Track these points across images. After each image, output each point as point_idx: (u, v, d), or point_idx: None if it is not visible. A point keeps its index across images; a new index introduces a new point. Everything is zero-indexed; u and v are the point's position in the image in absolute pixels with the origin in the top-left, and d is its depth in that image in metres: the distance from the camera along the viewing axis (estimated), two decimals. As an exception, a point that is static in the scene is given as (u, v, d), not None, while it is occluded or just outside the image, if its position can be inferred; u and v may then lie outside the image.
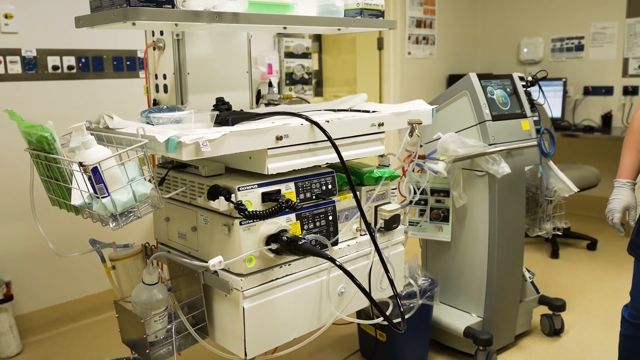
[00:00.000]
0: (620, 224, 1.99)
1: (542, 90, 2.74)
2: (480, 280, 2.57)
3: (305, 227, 1.71)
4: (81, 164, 1.35)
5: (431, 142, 2.55)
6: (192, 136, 1.39)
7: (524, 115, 2.61)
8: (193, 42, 2.02)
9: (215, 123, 1.69)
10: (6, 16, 2.72)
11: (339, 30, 2.10)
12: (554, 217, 2.79)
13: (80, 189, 1.43)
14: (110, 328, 2.90)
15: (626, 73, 4.82)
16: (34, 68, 2.81)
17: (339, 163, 1.67)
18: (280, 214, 1.57)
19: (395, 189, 2.07)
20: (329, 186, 1.77)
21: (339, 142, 1.74)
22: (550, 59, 5.24)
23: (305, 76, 3.93)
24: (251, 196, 1.57)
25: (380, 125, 1.87)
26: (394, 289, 1.71)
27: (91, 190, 1.40)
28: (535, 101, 2.69)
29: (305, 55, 3.92)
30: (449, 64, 5.39)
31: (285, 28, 1.98)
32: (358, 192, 1.91)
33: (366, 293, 1.54)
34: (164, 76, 2.06)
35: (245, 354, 1.62)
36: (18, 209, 2.79)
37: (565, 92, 4.92)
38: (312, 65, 4.07)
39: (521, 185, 2.58)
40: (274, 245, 1.56)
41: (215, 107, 1.75)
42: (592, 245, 4.19)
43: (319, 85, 6.46)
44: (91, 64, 3.00)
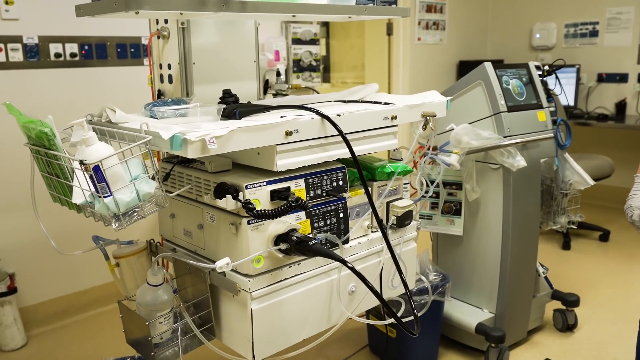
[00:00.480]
0: None
1: (559, 80, 2.65)
2: (493, 275, 2.51)
3: (315, 226, 1.65)
4: (82, 162, 1.28)
5: (444, 134, 2.48)
6: (198, 133, 1.33)
7: (540, 106, 2.53)
8: (199, 31, 1.94)
9: (222, 116, 1.62)
10: (7, 2, 2.65)
11: (349, 18, 2.02)
12: (568, 211, 2.71)
13: (81, 188, 1.37)
14: (115, 320, 2.86)
15: (642, 60, 4.71)
16: (35, 56, 2.75)
17: (350, 158, 1.60)
18: (290, 212, 1.50)
19: (408, 184, 2.01)
20: (340, 182, 1.70)
21: (350, 137, 1.67)
22: (564, 45, 5.12)
23: (313, 63, 3.84)
24: (259, 194, 1.51)
25: (394, 118, 1.80)
26: (407, 291, 1.65)
27: (93, 189, 1.34)
28: (551, 91, 2.60)
29: (313, 41, 3.83)
30: (459, 50, 5.28)
31: (294, 16, 1.90)
32: (370, 188, 1.84)
33: (378, 295, 1.48)
34: (169, 66, 1.98)
35: (253, 356, 1.57)
36: (22, 201, 2.74)
37: (578, 79, 4.80)
38: (320, 51, 3.98)
39: (536, 178, 2.51)
40: (283, 245, 1.51)
41: (221, 100, 1.68)
42: (605, 237, 4.12)
43: (326, 71, 6.37)
44: (94, 51, 2.93)
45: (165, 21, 1.94)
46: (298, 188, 1.60)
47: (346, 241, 1.75)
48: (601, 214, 4.60)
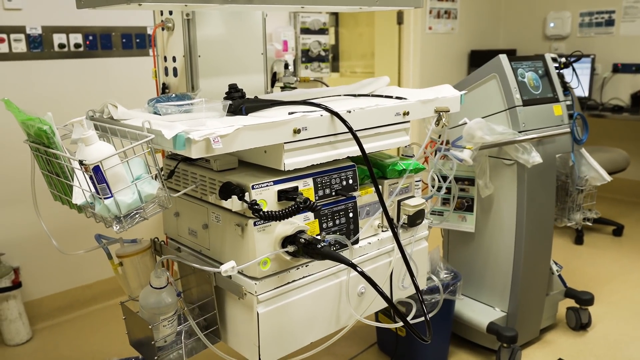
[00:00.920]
0: None
1: (576, 72, 2.57)
2: (505, 273, 2.45)
3: (324, 226, 1.59)
4: (82, 162, 1.23)
5: (456, 128, 2.40)
6: (202, 132, 1.27)
7: (557, 100, 2.45)
8: (204, 22, 1.88)
9: (228, 112, 1.57)
10: (10, -9, 2.60)
11: (360, 9, 1.95)
12: (584, 207, 2.64)
13: (82, 188, 1.32)
14: (121, 314, 2.83)
15: (659, 50, 4.59)
16: (39, 46, 2.69)
17: (361, 155, 1.54)
18: (298, 214, 1.44)
19: (419, 182, 1.94)
20: (350, 181, 1.64)
21: (361, 134, 1.61)
22: (578, 35, 5.00)
23: (322, 53, 3.77)
24: (266, 194, 1.46)
25: (406, 114, 1.73)
26: (419, 295, 1.59)
27: (93, 190, 1.29)
28: (568, 84, 2.52)
29: (322, 31, 3.75)
30: (471, 39, 5.17)
31: (302, 7, 1.83)
32: (380, 186, 1.78)
33: (388, 300, 1.43)
34: (174, 59, 1.93)
35: (260, 360, 1.52)
36: (26, 195, 2.67)
37: (593, 70, 4.69)
38: (329, 41, 3.90)
39: (552, 174, 2.44)
40: (291, 248, 1.45)
41: (227, 95, 1.62)
42: (618, 231, 4.04)
43: (335, 60, 6.28)
44: (99, 42, 2.87)
45: (170, 12, 1.88)
46: (306, 187, 1.54)
47: (356, 242, 1.70)
48: (615, 208, 4.51)
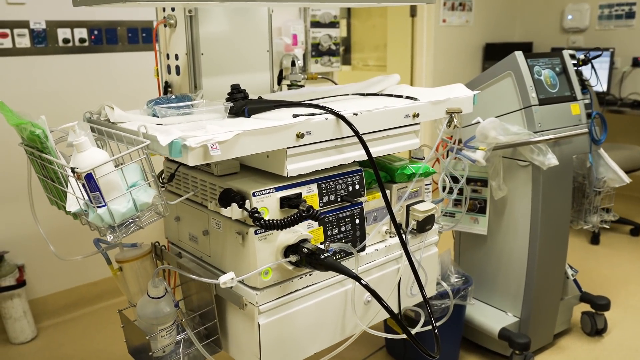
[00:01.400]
0: None
1: (595, 70, 2.47)
2: (519, 277, 2.38)
3: (328, 234, 1.53)
4: (73, 170, 1.18)
5: (469, 127, 2.33)
6: (199, 138, 1.21)
7: (574, 98, 2.36)
8: (207, 19, 1.81)
9: (231, 114, 1.51)
10: (13, -15, 2.55)
11: (371, 4, 1.88)
12: (601, 209, 2.55)
13: (75, 195, 1.27)
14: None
15: (681, 43, 4.45)
16: (43, 41, 2.64)
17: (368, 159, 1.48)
18: (300, 222, 1.38)
19: (430, 185, 1.87)
20: (356, 186, 1.58)
21: (368, 137, 1.55)
22: (597, 27, 4.86)
23: (333, 47, 3.69)
24: (268, 202, 1.39)
25: (416, 116, 1.66)
26: (427, 308, 1.53)
27: (87, 198, 1.23)
28: (586, 82, 2.42)
29: (332, 24, 3.67)
30: (486, 32, 5.05)
31: (310, 5, 1.76)
32: (388, 191, 1.72)
33: (393, 315, 1.37)
34: (176, 56, 1.87)
35: (261, 372, 1.47)
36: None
37: (612, 64, 4.56)
38: (340, 33, 3.82)
39: (568, 176, 2.35)
40: (293, 257, 1.39)
41: (229, 96, 1.56)
42: (636, 231, 3.93)
43: (347, 52, 6.18)
44: (104, 36, 2.81)
45: (172, 9, 1.82)
46: (310, 194, 1.48)
47: (362, 249, 1.63)
48: (632, 207, 4.40)
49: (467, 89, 1.87)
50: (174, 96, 1.55)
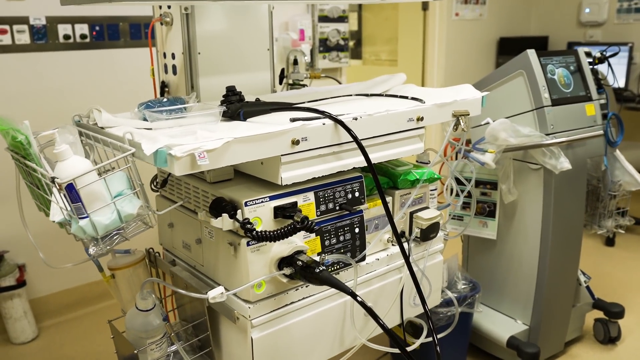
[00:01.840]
0: None
1: (612, 69, 2.36)
2: (529, 284, 2.29)
3: (326, 244, 1.46)
4: (53, 180, 1.12)
5: (478, 127, 2.24)
6: (186, 146, 1.14)
7: (589, 98, 2.26)
8: (204, 17, 1.75)
9: (226, 117, 1.45)
10: (13, -20, 2.50)
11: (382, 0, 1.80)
12: (616, 214, 2.45)
13: (59, 205, 1.21)
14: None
15: (703, 38, 4.29)
16: (43, 38, 2.59)
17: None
18: (294, 234, 1.31)
19: (435, 190, 1.79)
20: (356, 194, 1.51)
21: (369, 142, 1.47)
22: (615, 21, 4.71)
23: (341, 42, 3.60)
24: (261, 211, 1.33)
25: (420, 119, 1.58)
26: (429, 323, 1.46)
27: (69, 208, 1.18)
28: (602, 81, 2.32)
29: (341, 19, 3.58)
30: (501, 25, 4.93)
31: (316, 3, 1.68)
32: (391, 197, 1.64)
33: (389, 332, 1.30)
34: (173, 56, 1.81)
35: (254, 387, 1.41)
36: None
37: (630, 59, 4.42)
38: (351, 26, 3.72)
39: (582, 180, 2.25)
40: (287, 270, 1.33)
41: (224, 98, 1.49)
42: (653, 232, 3.82)
43: (358, 45, 6.08)
44: (106, 32, 2.76)
45: (169, 6, 1.76)
46: (307, 202, 1.41)
47: (362, 259, 1.56)
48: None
49: (476, 90, 1.78)
50: (165, 99, 1.49)
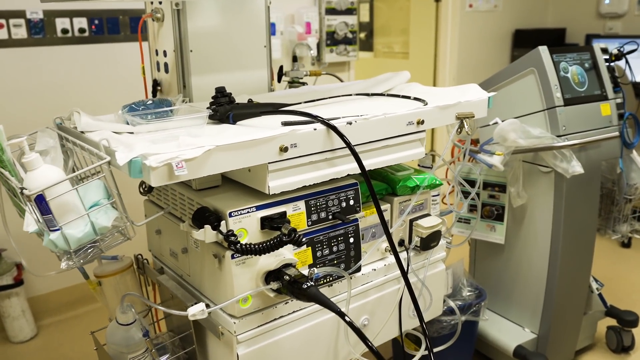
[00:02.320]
0: None
1: (630, 66, 2.24)
2: (538, 290, 2.20)
3: (318, 255, 1.39)
4: (22, 190, 1.06)
5: (486, 127, 2.14)
6: (162, 156, 1.07)
7: (605, 98, 2.14)
8: (196, 13, 1.67)
9: (215, 120, 1.38)
10: (9, -27, 2.44)
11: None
12: (632, 218, 2.34)
13: (32, 215, 1.15)
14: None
15: None
16: (40, 32, 2.54)
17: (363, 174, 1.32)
18: (280, 247, 1.24)
19: (437, 196, 1.71)
20: (351, 202, 1.43)
21: (365, 148, 1.39)
22: (637, 12, 4.53)
23: (349, 35, 3.50)
24: (247, 222, 1.26)
25: (420, 123, 1.49)
26: (426, 341, 1.38)
27: (42, 220, 1.11)
28: (619, 79, 2.20)
29: (349, 11, 3.48)
30: (516, 17, 4.78)
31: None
32: (390, 204, 1.56)
33: (378, 355, 1.22)
34: (164, 53, 1.74)
35: (241, 406, 1.35)
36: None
37: (651, 52, 4.25)
38: (362, 17, 3.61)
39: (595, 183, 2.14)
40: (274, 285, 1.25)
41: (213, 100, 1.41)
42: (672, 233, 3.68)
43: (369, 37, 5.96)
44: (105, 26, 2.69)
45: (160, 2, 1.69)
46: (297, 212, 1.34)
47: (357, 270, 1.48)
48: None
49: (482, 90, 1.68)
50: (151, 101, 1.41)
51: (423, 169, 1.70)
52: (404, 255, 1.60)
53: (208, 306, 1.34)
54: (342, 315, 1.17)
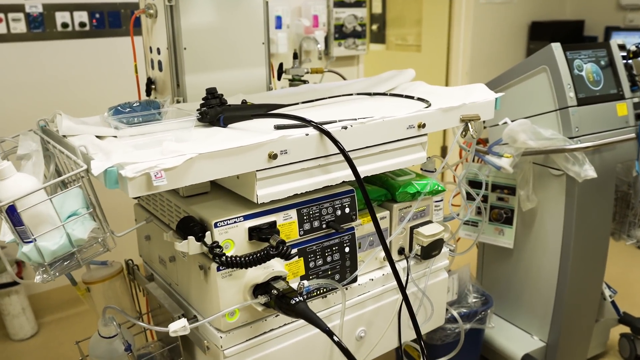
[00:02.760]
0: None
1: (649, 63, 2.13)
2: (547, 297, 2.12)
3: (311, 266, 1.32)
4: (-7, 201, 1.01)
5: (496, 127, 2.06)
6: (140, 165, 1.01)
7: (621, 97, 2.04)
8: (191, 9, 1.61)
9: (205, 123, 1.32)
10: (9, -34, 2.39)
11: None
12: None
13: (8, 225, 1.10)
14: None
15: None
16: (40, 26, 2.49)
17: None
18: (267, 261, 1.17)
19: (440, 202, 1.63)
20: (346, 210, 1.36)
21: (362, 153, 1.32)
22: (658, 4, 4.39)
23: (358, 28, 3.41)
24: (234, 232, 1.19)
25: (421, 126, 1.41)
26: (422, 354, 1.31)
27: (15, 231, 1.06)
28: (637, 77, 2.10)
29: (358, 3, 3.39)
30: (533, 9, 4.64)
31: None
32: (389, 211, 1.49)
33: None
34: (158, 51, 1.68)
35: (229, 422, 1.29)
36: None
37: (673, 46, 4.10)
38: (374, 9, 3.51)
39: (609, 187, 2.05)
40: (262, 299, 1.19)
41: (204, 102, 1.35)
42: (691, 235, 3.55)
43: (382, 29, 5.84)
44: (107, 20, 2.64)
45: (153, -3, 1.62)
46: (288, 221, 1.27)
47: (353, 280, 1.42)
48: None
49: (489, 91, 1.60)
50: (138, 103, 1.35)
51: (426, 173, 1.63)
52: (403, 264, 1.53)
53: (196, 318, 1.30)
54: (331, 334, 1.11)
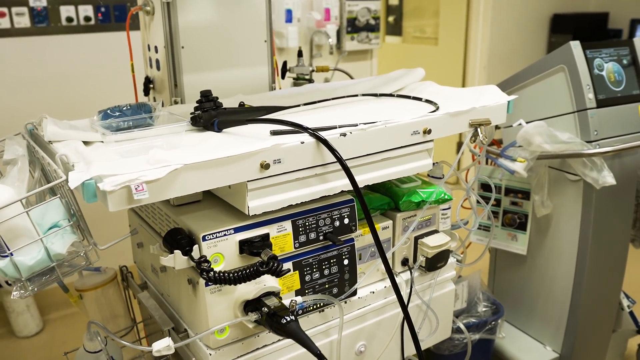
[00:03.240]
0: None
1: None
2: (561, 306, 2.03)
3: (307, 279, 1.26)
4: (-34, 214, 0.96)
5: (510, 128, 1.96)
6: (120, 178, 0.95)
7: (644, 98, 1.94)
8: (189, 6, 1.55)
9: (199, 127, 1.26)
10: (13, -41, 2.35)
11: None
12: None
13: (-13, 235, 1.05)
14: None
15: None
16: (44, 20, 2.45)
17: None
18: (257, 277, 1.11)
19: (448, 209, 1.55)
20: (345, 221, 1.29)
21: (363, 161, 1.25)
22: (687, -4, 4.21)
23: (372, 22, 3.32)
24: (224, 246, 1.13)
25: (427, 132, 1.33)
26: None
27: (-8, 243, 1.01)
28: (662, 77, 1.98)
29: (372, -4, 3.29)
30: (555, 0, 4.48)
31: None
32: (392, 220, 1.42)
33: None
34: (156, 49, 1.62)
35: None
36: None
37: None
38: (390, 1, 3.40)
39: (629, 194, 1.95)
40: (253, 316, 1.13)
41: (198, 105, 1.29)
42: None
43: (399, 20, 5.72)
44: (112, 14, 2.59)
45: (150, -7, 1.56)
46: (282, 233, 1.20)
47: (353, 294, 1.35)
48: None
49: (501, 93, 1.51)
50: (128, 106, 1.29)
51: (433, 179, 1.55)
52: (407, 276, 1.45)
53: (187, 332, 1.24)
54: (321, 358, 1.04)
